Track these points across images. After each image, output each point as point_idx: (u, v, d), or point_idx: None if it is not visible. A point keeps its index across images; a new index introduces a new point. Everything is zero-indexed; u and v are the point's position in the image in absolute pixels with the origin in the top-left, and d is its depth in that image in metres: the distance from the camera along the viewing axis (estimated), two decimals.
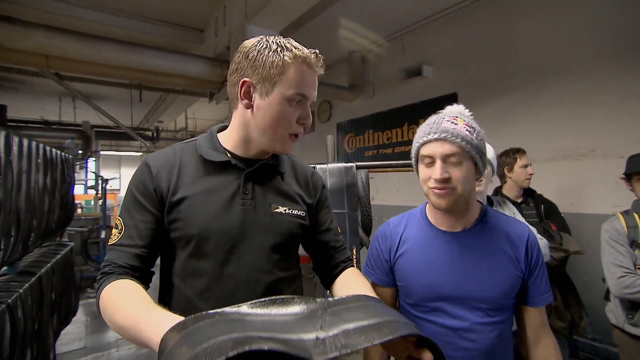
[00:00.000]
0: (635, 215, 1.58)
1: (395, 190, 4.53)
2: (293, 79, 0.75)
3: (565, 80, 2.94)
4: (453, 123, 0.84)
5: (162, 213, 0.79)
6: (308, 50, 0.77)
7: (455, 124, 0.84)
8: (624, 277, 1.50)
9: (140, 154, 11.56)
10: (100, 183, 5.73)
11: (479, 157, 0.86)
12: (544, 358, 0.91)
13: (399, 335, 0.50)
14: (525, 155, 2.15)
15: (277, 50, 0.75)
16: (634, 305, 1.53)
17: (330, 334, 0.49)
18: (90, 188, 6.83)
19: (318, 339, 0.48)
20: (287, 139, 0.81)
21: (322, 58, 0.79)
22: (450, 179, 0.83)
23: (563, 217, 2.25)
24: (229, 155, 0.83)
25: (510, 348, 0.94)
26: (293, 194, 0.88)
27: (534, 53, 3.14)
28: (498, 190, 2.26)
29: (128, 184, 0.82)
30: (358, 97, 4.99)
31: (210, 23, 4.33)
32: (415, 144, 0.90)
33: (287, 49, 0.75)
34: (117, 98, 7.02)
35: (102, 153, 9.97)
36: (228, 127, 0.88)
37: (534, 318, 0.92)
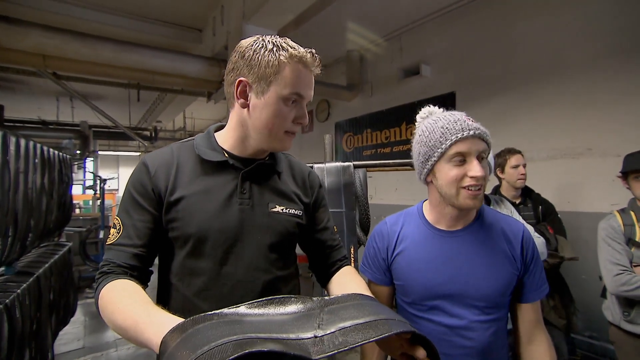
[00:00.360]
0: (632, 213, 1.59)
1: (394, 190, 4.54)
2: (289, 79, 0.75)
3: (563, 80, 2.95)
4: (473, 121, 0.85)
5: (160, 212, 0.79)
6: (304, 50, 0.77)
7: (475, 122, 0.85)
8: (621, 274, 1.51)
9: (139, 154, 11.53)
10: (99, 183, 5.72)
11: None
12: (539, 355, 0.91)
13: (394, 333, 0.50)
14: (518, 155, 2.11)
15: (272, 50, 0.75)
16: (630, 303, 1.54)
17: (328, 332, 0.49)
18: (89, 188, 6.82)
19: (316, 337, 0.49)
20: (283, 137, 0.81)
21: (318, 57, 0.79)
22: (483, 176, 0.83)
23: (560, 218, 2.25)
24: (226, 155, 0.84)
25: (506, 346, 0.95)
26: (290, 193, 0.88)
27: (532, 52, 3.15)
28: (496, 190, 2.27)
29: (126, 184, 0.82)
30: (356, 96, 5.00)
31: (208, 23, 4.33)
32: (444, 142, 0.83)
33: (283, 49, 0.75)
34: (115, 98, 7.01)
35: (100, 153, 9.95)
36: (225, 126, 0.88)
37: (529, 315, 0.93)
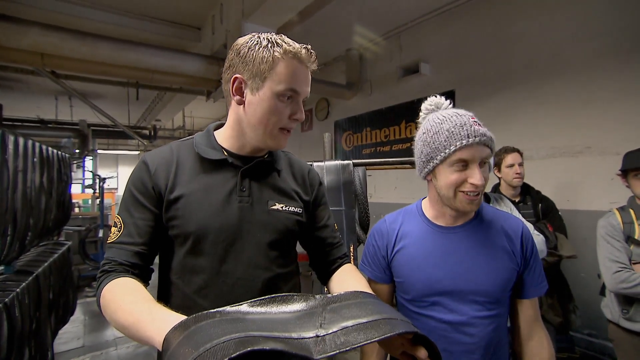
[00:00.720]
0: (631, 211, 1.59)
1: (393, 188, 4.54)
2: (283, 74, 0.75)
3: (562, 78, 2.95)
4: (479, 125, 0.83)
5: (160, 211, 0.79)
6: (299, 46, 0.76)
7: (481, 126, 0.83)
8: (620, 272, 1.51)
9: (138, 153, 11.51)
10: (98, 182, 5.71)
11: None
12: (537, 351, 0.92)
13: (397, 333, 0.50)
14: (514, 154, 2.10)
15: (267, 46, 0.75)
16: (629, 300, 1.54)
17: (330, 332, 0.49)
18: (88, 187, 6.81)
19: (318, 337, 0.48)
20: (278, 134, 0.80)
21: (313, 53, 0.78)
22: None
23: (561, 215, 2.25)
24: (226, 153, 0.84)
25: (507, 342, 0.95)
26: (290, 191, 0.88)
27: (531, 51, 3.15)
28: (496, 188, 2.27)
29: (127, 183, 0.82)
30: (356, 95, 4.99)
31: (207, 21, 4.32)
32: (448, 147, 0.81)
33: (277, 45, 0.75)
34: (114, 96, 6.99)
35: (99, 152, 9.93)
36: (225, 125, 0.88)
37: (528, 311, 0.93)
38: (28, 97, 7.06)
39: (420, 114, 0.95)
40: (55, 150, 2.37)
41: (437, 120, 0.86)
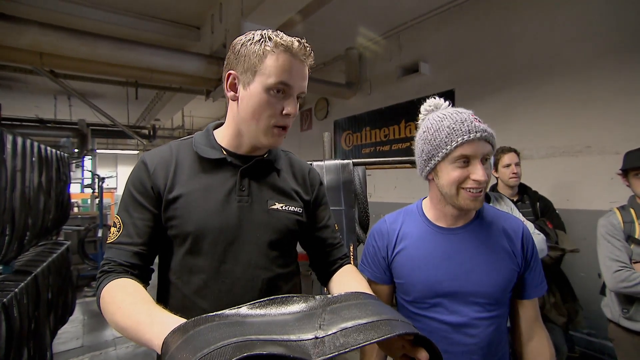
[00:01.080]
0: (632, 211, 1.59)
1: (393, 188, 4.54)
2: (273, 67, 0.73)
3: (562, 77, 2.95)
4: (480, 121, 0.83)
5: (159, 211, 0.79)
6: (291, 39, 0.75)
7: (481, 122, 0.83)
8: (620, 271, 1.51)
9: (137, 152, 11.49)
10: (97, 182, 5.69)
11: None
12: (538, 351, 0.91)
13: (396, 334, 0.49)
14: (511, 154, 2.10)
15: (259, 41, 0.74)
16: (630, 300, 1.54)
17: (329, 333, 0.49)
18: (87, 187, 6.79)
19: (317, 339, 0.48)
20: (271, 131, 0.78)
21: (308, 47, 0.76)
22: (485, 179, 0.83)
23: (558, 214, 2.26)
24: (225, 153, 0.83)
25: (507, 343, 0.95)
26: (290, 191, 0.88)
27: (531, 50, 3.14)
28: (494, 188, 2.27)
29: (126, 183, 0.82)
30: (355, 94, 4.99)
31: (207, 20, 4.30)
32: (449, 144, 0.81)
33: (269, 39, 0.74)
34: (113, 96, 6.98)
35: (98, 151, 9.90)
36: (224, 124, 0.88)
37: (529, 312, 0.93)
38: (27, 96, 7.04)
39: (420, 116, 0.94)
40: (54, 150, 2.36)
41: (437, 119, 0.86)
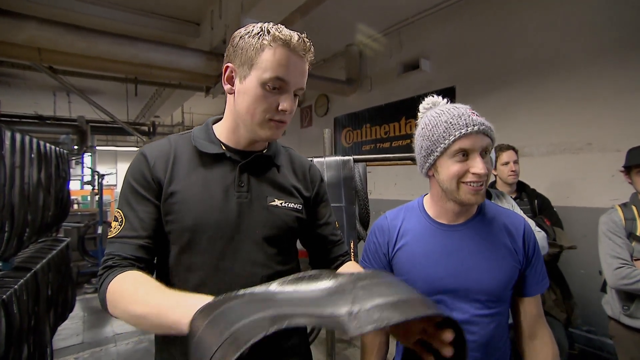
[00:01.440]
0: (634, 208, 1.58)
1: (393, 184, 4.53)
2: (269, 62, 0.71)
3: (563, 74, 2.93)
4: (477, 115, 0.83)
5: (160, 203, 0.77)
6: (290, 33, 0.73)
7: (479, 116, 0.83)
8: (621, 268, 1.51)
9: (137, 149, 11.47)
10: (97, 178, 5.69)
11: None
12: (541, 350, 0.91)
13: (433, 314, 0.49)
14: (509, 152, 2.10)
15: (257, 34, 0.73)
16: (630, 297, 1.54)
17: (364, 309, 0.48)
18: (87, 184, 6.77)
19: (352, 313, 0.47)
20: (268, 124, 0.76)
21: (308, 42, 0.74)
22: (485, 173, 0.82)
23: (556, 211, 2.25)
24: (224, 148, 0.82)
25: (507, 340, 0.95)
26: (289, 187, 0.87)
27: (532, 47, 3.13)
28: (492, 186, 2.26)
29: (125, 176, 0.80)
30: (355, 91, 4.97)
31: (206, 16, 4.28)
32: (447, 138, 0.82)
33: (268, 32, 0.72)
34: (112, 92, 6.95)
35: (98, 148, 9.91)
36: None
37: (531, 309, 0.93)
38: (26, 92, 7.02)
39: (419, 114, 0.94)
40: (53, 147, 2.35)
41: (434, 115, 0.86)
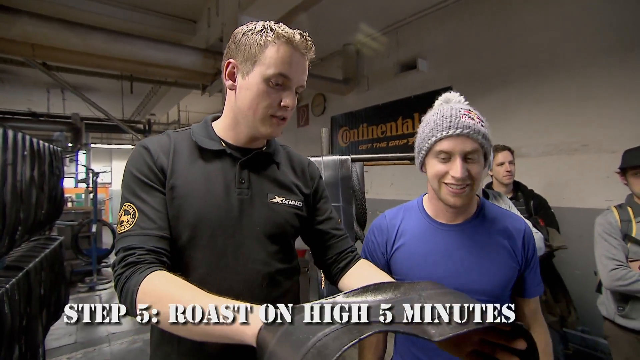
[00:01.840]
0: (629, 209, 1.59)
1: (389, 184, 4.54)
2: (273, 59, 0.72)
3: (559, 75, 2.95)
4: (470, 118, 0.81)
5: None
6: (293, 31, 0.74)
7: (472, 119, 0.81)
8: (616, 269, 1.52)
9: (132, 147, 11.41)
10: (91, 176, 5.63)
11: (490, 152, 0.85)
12: (536, 337, 0.91)
13: (509, 323, 0.49)
14: (504, 152, 2.11)
15: (260, 31, 0.74)
16: (625, 298, 1.54)
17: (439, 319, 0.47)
18: (81, 181, 6.71)
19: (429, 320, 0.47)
20: (270, 120, 0.76)
21: (310, 40, 0.75)
22: (468, 176, 0.81)
23: (553, 212, 2.26)
24: (224, 144, 0.81)
25: None
26: (289, 184, 0.86)
27: (529, 48, 3.14)
28: (489, 186, 2.27)
29: (127, 170, 0.76)
30: (352, 90, 4.96)
31: (203, 14, 4.25)
32: (430, 138, 0.83)
33: (271, 30, 0.73)
34: (107, 90, 6.89)
35: (92, 146, 9.80)
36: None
37: (529, 310, 0.93)
38: (19, 89, 6.92)
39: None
40: (47, 144, 2.32)
41: (431, 113, 0.87)
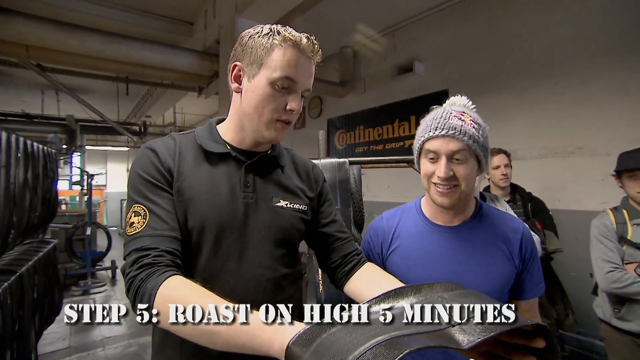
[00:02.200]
0: (624, 212, 1.60)
1: (386, 187, 4.54)
2: (279, 62, 0.72)
3: (555, 78, 2.97)
4: (460, 119, 0.82)
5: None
6: (300, 34, 0.74)
7: (463, 120, 0.82)
8: (612, 272, 1.52)
9: (127, 149, 11.32)
10: (86, 179, 5.58)
11: (483, 154, 0.84)
12: None
13: (533, 323, 0.48)
14: (500, 156, 2.12)
15: (267, 34, 0.73)
16: (621, 300, 1.55)
17: (465, 320, 0.47)
18: (75, 184, 6.64)
19: (454, 325, 0.46)
20: (275, 125, 0.76)
21: (317, 44, 0.75)
22: (454, 177, 0.82)
23: (551, 215, 2.27)
24: (229, 147, 0.80)
25: None
26: (294, 188, 0.85)
27: (525, 51, 3.17)
28: (487, 189, 2.27)
29: (133, 172, 0.74)
30: (349, 93, 4.97)
31: (200, 16, 4.24)
32: (420, 138, 0.86)
33: (278, 33, 0.73)
34: (102, 91, 6.84)
35: (87, 148, 9.73)
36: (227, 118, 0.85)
37: (525, 310, 0.93)
38: (13, 90, 6.86)
39: None
40: (41, 146, 2.30)
41: (429, 114, 0.89)
